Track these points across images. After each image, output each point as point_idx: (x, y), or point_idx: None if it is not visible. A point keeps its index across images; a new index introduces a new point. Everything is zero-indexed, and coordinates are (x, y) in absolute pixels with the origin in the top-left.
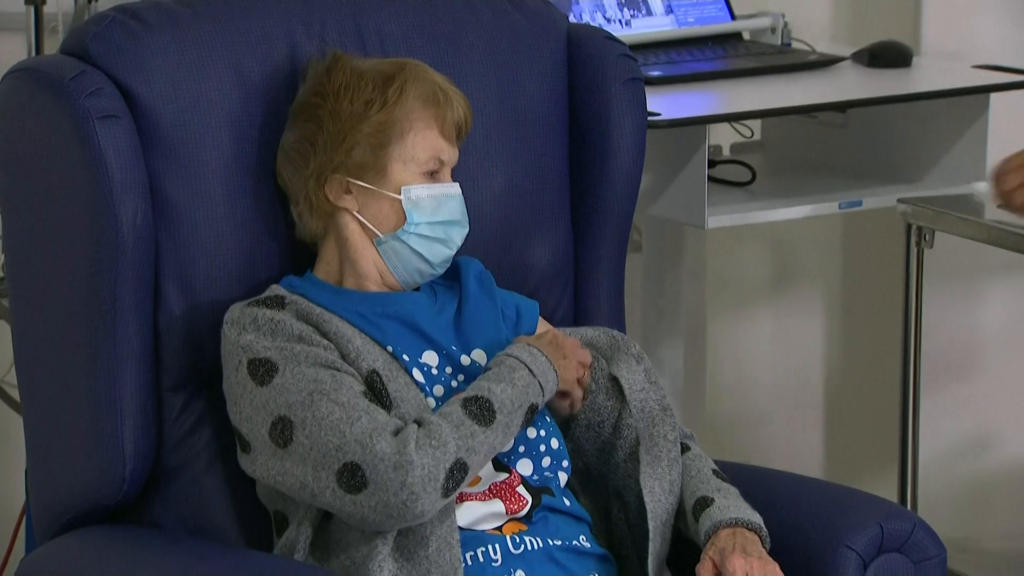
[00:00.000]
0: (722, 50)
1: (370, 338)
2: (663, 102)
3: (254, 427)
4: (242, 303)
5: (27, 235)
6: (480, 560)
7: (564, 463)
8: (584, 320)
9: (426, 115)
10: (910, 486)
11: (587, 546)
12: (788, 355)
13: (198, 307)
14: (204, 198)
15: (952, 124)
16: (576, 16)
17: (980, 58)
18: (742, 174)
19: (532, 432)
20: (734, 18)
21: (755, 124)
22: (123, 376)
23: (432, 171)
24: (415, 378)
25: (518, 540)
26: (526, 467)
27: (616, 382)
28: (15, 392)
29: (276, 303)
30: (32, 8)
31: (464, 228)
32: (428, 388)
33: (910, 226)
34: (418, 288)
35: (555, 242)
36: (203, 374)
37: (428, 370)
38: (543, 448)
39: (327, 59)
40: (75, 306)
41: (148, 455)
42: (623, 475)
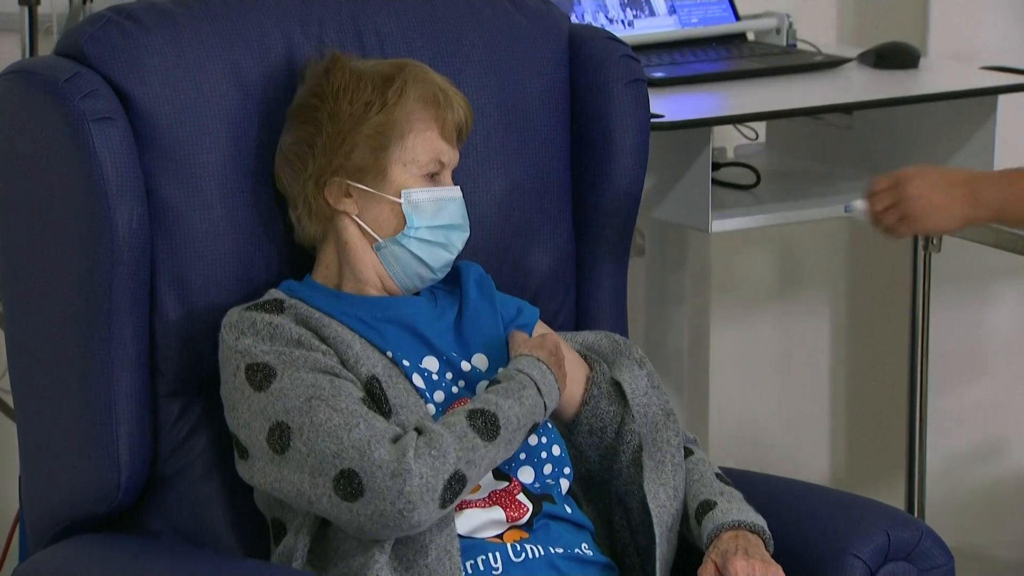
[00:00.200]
0: (726, 51)
1: (370, 343)
2: (666, 104)
3: (252, 433)
4: (240, 307)
5: (21, 238)
6: (480, 568)
7: (566, 470)
8: (586, 324)
9: (426, 116)
10: (917, 493)
11: (589, 554)
12: (793, 360)
13: (195, 311)
14: (201, 201)
15: (960, 126)
16: (578, 16)
17: (988, 59)
18: (747, 177)
19: (534, 439)
20: (738, 19)
21: (760, 126)
22: (118, 381)
23: (433, 173)
24: (415, 384)
25: (519, 548)
26: (527, 474)
27: (618, 387)
28: (9, 398)
29: (275, 307)
30: (26, 9)
31: (465, 232)
32: (428, 394)
33: None
34: (418, 293)
35: (557, 246)
36: (200, 379)
37: (428, 376)
38: (544, 455)
39: (326, 60)
40: (70, 310)
41: (144, 462)
42: (626, 481)
